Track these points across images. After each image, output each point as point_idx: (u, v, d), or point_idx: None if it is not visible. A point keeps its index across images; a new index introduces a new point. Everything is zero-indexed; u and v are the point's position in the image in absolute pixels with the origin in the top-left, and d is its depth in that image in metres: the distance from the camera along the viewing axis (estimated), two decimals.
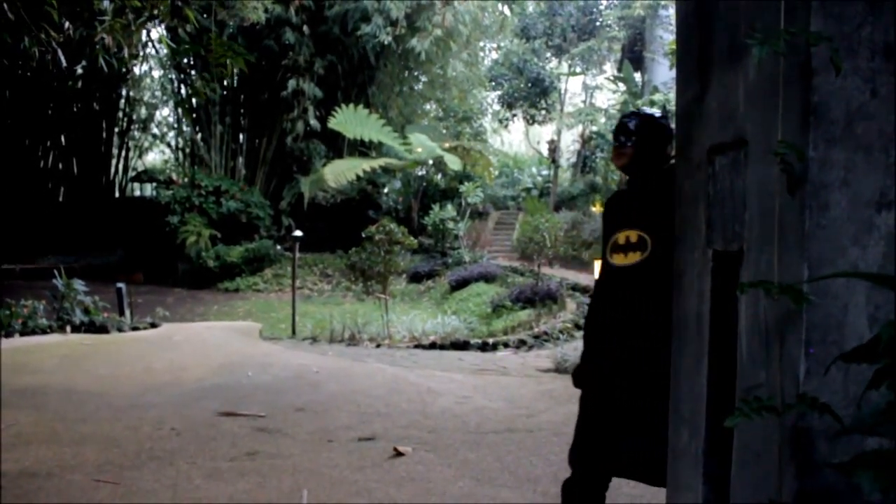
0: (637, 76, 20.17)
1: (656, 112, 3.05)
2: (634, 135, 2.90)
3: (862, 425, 1.09)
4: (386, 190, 19.27)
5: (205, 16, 14.70)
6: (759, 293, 1.48)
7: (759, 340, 1.54)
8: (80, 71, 15.57)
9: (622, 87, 19.58)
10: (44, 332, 9.12)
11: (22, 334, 8.88)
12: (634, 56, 21.91)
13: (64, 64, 9.06)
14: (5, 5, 7.49)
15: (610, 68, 25.20)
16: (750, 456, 1.58)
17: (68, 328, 9.35)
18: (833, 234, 1.37)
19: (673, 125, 2.84)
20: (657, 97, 16.77)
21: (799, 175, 1.38)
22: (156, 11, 8.37)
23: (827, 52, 1.32)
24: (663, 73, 18.51)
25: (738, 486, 1.66)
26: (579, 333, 9.75)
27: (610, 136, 19.63)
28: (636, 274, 2.83)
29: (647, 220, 2.86)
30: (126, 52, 8.53)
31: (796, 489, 1.37)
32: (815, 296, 1.35)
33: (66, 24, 8.54)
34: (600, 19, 23.84)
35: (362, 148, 18.41)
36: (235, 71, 8.93)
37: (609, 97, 23.07)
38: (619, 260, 2.89)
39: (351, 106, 16.96)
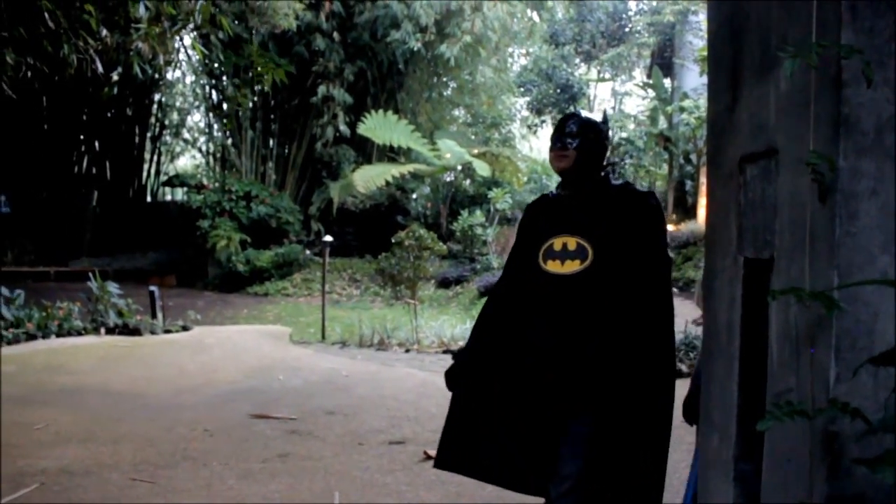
0: (667, 82, 20.07)
1: (597, 117, 2.97)
2: (578, 137, 2.78)
3: (888, 425, 1.12)
4: (415, 196, 19.33)
5: (237, 23, 14.89)
6: (790, 300, 1.51)
7: (789, 346, 1.57)
8: (115, 77, 15.83)
9: (651, 93, 19.51)
10: (79, 333, 9.27)
11: (58, 336, 9.04)
12: (664, 62, 21.82)
13: (101, 70, 9.23)
14: (46, 14, 7.67)
15: (639, 74, 25.14)
16: (781, 460, 1.61)
17: (103, 330, 9.49)
18: (862, 242, 1.40)
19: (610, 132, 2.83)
20: (687, 103, 16.69)
21: (829, 184, 1.41)
22: (191, 19, 8.50)
23: (857, 64, 1.35)
24: (693, 80, 18.41)
25: (768, 489, 1.68)
26: None
27: (639, 143, 19.50)
28: (576, 284, 2.70)
29: (588, 228, 2.75)
30: (161, 59, 8.68)
31: (826, 492, 1.40)
32: (844, 303, 1.38)
33: (104, 32, 8.70)
34: (630, 25, 23.79)
35: (391, 154, 18.49)
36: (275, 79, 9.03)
37: (638, 103, 23.01)
38: (554, 267, 2.75)
39: (380, 112, 17.05)
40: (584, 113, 2.99)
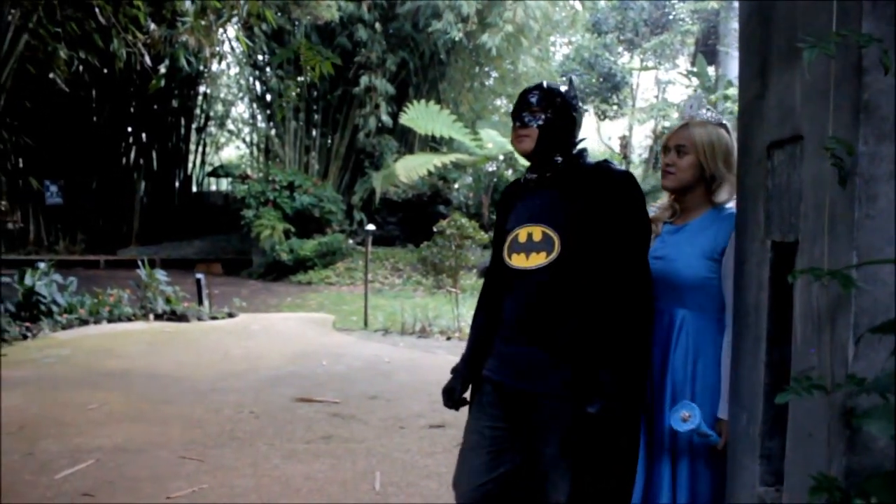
0: (710, 70, 19.84)
1: (564, 87, 2.58)
2: (541, 112, 2.45)
3: (880, 385, 1.18)
4: (457, 185, 19.38)
5: (279, 14, 15.05)
6: (812, 280, 1.57)
7: (811, 325, 1.63)
8: (162, 70, 16.11)
9: (695, 81, 19.33)
10: (129, 319, 9.54)
11: (109, 321, 9.32)
12: (708, 49, 21.60)
13: (148, 64, 9.46)
14: (97, 10, 7.88)
15: (683, 62, 24.89)
16: (803, 435, 1.67)
17: (151, 316, 9.75)
18: (881, 224, 1.45)
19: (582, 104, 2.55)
20: (731, 91, 16.51)
21: (849, 169, 1.46)
22: (235, 11, 8.67)
23: (877, 52, 1.40)
24: (737, 67, 18.21)
25: (791, 464, 1.74)
26: None
27: None
28: (542, 279, 2.39)
29: (556, 216, 2.42)
30: (207, 52, 8.87)
31: (845, 466, 1.46)
32: (863, 282, 1.44)
33: (152, 26, 8.92)
34: (673, 13, 23.55)
35: (433, 143, 18.56)
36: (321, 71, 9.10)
37: (682, 92, 22.81)
38: (518, 261, 2.43)
39: (422, 102, 17.10)
40: (546, 83, 2.59)
